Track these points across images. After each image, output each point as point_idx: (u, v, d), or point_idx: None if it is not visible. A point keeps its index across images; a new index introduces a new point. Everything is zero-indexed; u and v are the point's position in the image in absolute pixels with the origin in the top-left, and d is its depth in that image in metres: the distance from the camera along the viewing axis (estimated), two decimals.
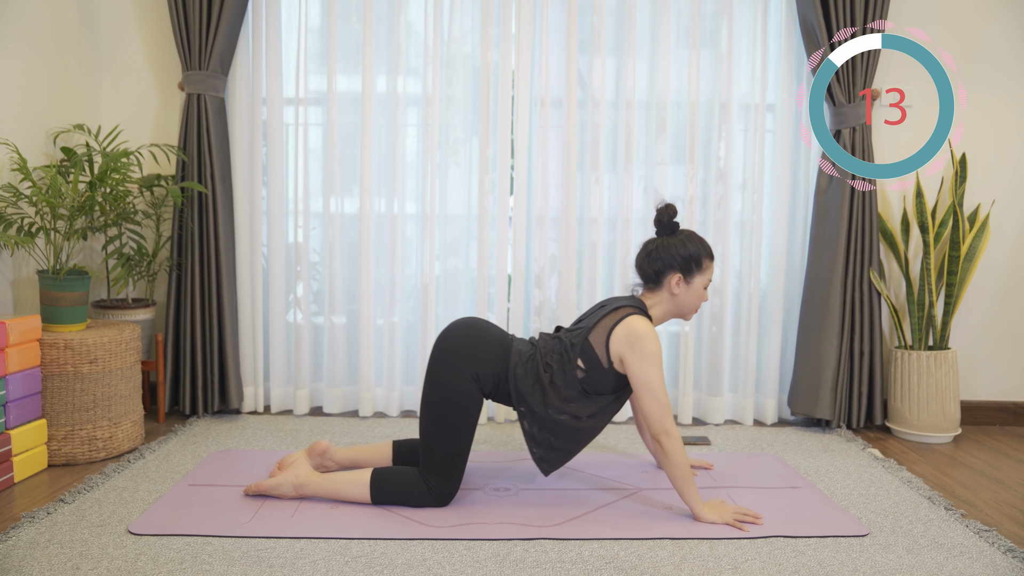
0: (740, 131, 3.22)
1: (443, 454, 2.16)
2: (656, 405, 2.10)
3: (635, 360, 2.11)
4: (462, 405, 2.16)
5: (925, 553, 1.99)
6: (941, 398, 3.01)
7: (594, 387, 2.18)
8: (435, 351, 2.22)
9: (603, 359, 2.16)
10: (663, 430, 2.09)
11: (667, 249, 2.25)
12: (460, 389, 2.16)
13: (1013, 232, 3.30)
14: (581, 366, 2.17)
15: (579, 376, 2.17)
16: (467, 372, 2.16)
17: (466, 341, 2.21)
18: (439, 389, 2.17)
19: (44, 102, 2.94)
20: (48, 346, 2.52)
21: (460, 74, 3.18)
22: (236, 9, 3.02)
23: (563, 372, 2.18)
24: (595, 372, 2.16)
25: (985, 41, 3.24)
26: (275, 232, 3.20)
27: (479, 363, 2.17)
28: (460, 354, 2.18)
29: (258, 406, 3.24)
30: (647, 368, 2.11)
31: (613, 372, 2.17)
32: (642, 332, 2.13)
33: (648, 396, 2.11)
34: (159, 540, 1.97)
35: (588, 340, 2.18)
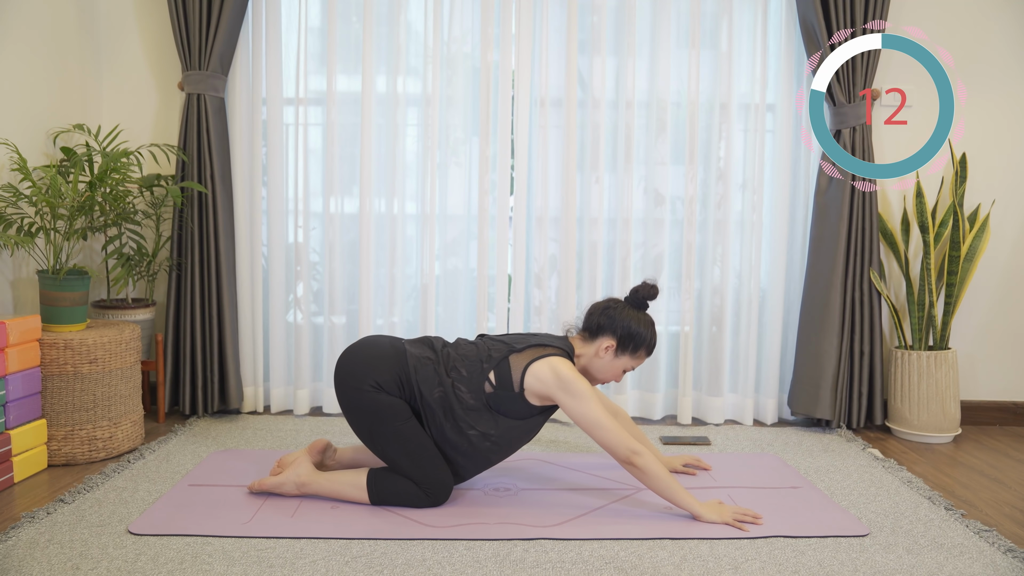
0: (740, 131, 3.22)
1: (408, 463, 2.16)
2: (610, 434, 2.10)
3: (572, 401, 2.11)
4: (386, 416, 2.15)
5: (925, 553, 1.99)
6: (941, 398, 3.01)
7: (499, 406, 2.16)
8: (334, 384, 2.24)
9: (515, 383, 2.15)
10: (629, 453, 2.09)
11: (622, 316, 2.25)
12: (372, 403, 2.15)
13: (1013, 232, 3.30)
14: (492, 381, 2.16)
15: (487, 391, 2.16)
16: (366, 385, 2.16)
17: (353, 359, 2.21)
18: (356, 415, 2.18)
19: (44, 102, 2.94)
20: (48, 346, 2.52)
21: (460, 74, 3.18)
22: (236, 9, 3.02)
23: (470, 380, 2.16)
24: (504, 392, 2.15)
25: (985, 40, 3.24)
26: (275, 232, 3.20)
27: (375, 372, 2.17)
28: (352, 373, 2.18)
29: (258, 406, 3.24)
30: (585, 406, 2.11)
31: (523, 400, 2.16)
32: (568, 375, 2.12)
33: (599, 431, 2.11)
34: (159, 540, 1.97)
35: (508, 359, 2.17)
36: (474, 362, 2.18)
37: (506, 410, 2.16)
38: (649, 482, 2.11)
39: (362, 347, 2.25)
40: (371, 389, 2.16)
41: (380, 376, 2.17)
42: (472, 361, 2.19)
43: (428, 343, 2.28)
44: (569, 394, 2.11)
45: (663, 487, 2.11)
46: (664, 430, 3.10)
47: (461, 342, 2.29)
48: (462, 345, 2.26)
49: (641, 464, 2.09)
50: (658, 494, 2.14)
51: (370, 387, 2.16)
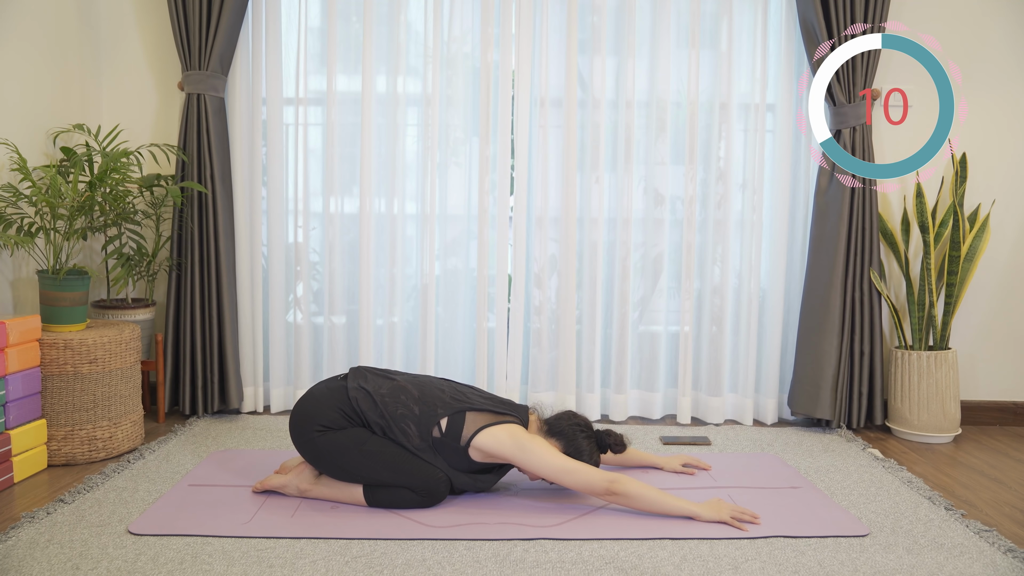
0: (740, 131, 3.22)
1: (390, 475, 2.17)
2: (582, 477, 2.11)
3: (532, 458, 2.13)
4: (344, 448, 2.16)
5: (925, 553, 1.99)
6: (941, 398, 3.01)
7: (442, 451, 2.19)
8: (293, 444, 2.27)
9: (463, 437, 2.17)
10: (606, 485, 2.10)
11: (584, 443, 2.24)
12: (327, 444, 2.17)
13: (1013, 232, 3.30)
14: (441, 427, 2.18)
15: (434, 435, 2.17)
16: (313, 431, 2.18)
17: (296, 415, 2.24)
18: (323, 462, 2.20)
19: (44, 102, 2.94)
20: (48, 346, 2.52)
21: (460, 74, 3.18)
22: (236, 9, 3.01)
23: (420, 420, 2.17)
24: (451, 441, 2.17)
25: (986, 40, 3.24)
26: (275, 232, 3.20)
27: (317, 418, 2.19)
28: (298, 428, 2.21)
29: (258, 406, 3.23)
30: (546, 458, 2.13)
31: (465, 454, 2.18)
32: (524, 437, 2.16)
33: (569, 476, 2.12)
34: (159, 540, 1.97)
35: (465, 414, 2.20)
36: (430, 404, 2.20)
37: (447, 457, 2.20)
38: (637, 504, 2.13)
39: (302, 401, 2.28)
40: (319, 432, 2.18)
41: (323, 418, 2.20)
42: (428, 403, 2.21)
43: (384, 375, 2.30)
44: (526, 452, 2.14)
45: (653, 504, 2.13)
46: (664, 430, 3.10)
47: (426, 380, 2.31)
48: (425, 384, 2.28)
49: (622, 490, 2.10)
50: (651, 512, 2.15)
51: (317, 431, 2.19)
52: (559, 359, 3.20)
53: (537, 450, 2.14)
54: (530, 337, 3.24)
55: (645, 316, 3.27)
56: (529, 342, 3.25)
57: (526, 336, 3.25)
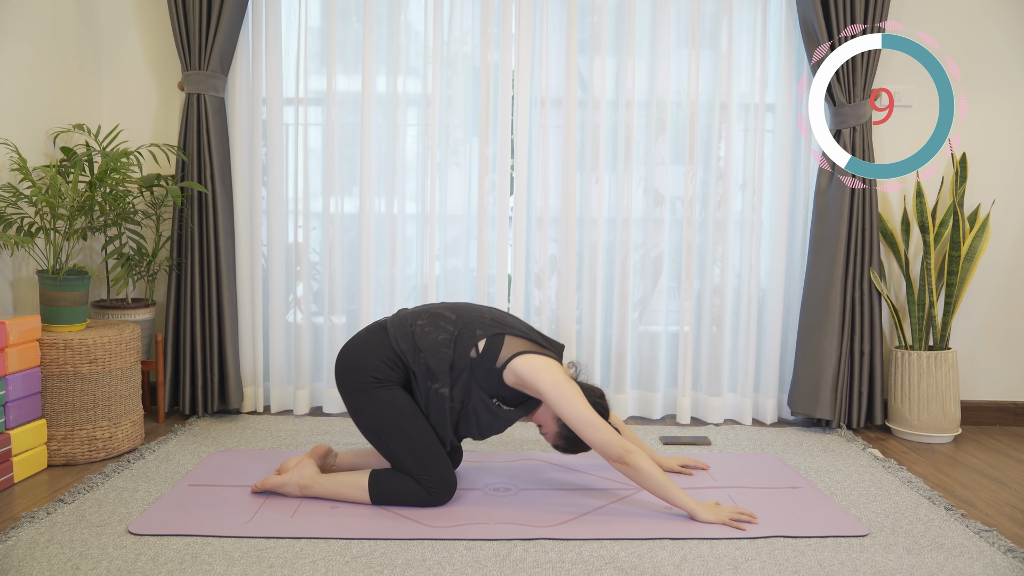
0: (740, 131, 3.22)
1: (411, 459, 2.17)
2: (602, 433, 2.09)
3: (562, 399, 2.10)
4: (388, 414, 2.16)
5: (925, 553, 1.99)
6: (941, 398, 3.01)
7: (475, 372, 2.17)
8: (337, 388, 2.27)
9: (500, 360, 2.16)
10: (623, 451, 2.09)
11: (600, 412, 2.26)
12: (372, 402, 2.17)
13: (1013, 232, 3.30)
14: (479, 349, 2.17)
15: (471, 355, 2.16)
16: (363, 382, 2.18)
17: (344, 362, 2.23)
18: (360, 416, 2.20)
19: (44, 102, 2.94)
20: (48, 346, 2.52)
21: (460, 74, 3.18)
22: (236, 9, 3.01)
23: (458, 339, 2.17)
24: (487, 362, 2.16)
25: (986, 40, 3.24)
26: (275, 232, 3.20)
27: (364, 365, 2.19)
28: (347, 376, 2.20)
29: (258, 406, 3.24)
30: (576, 405, 2.10)
31: (499, 377, 2.17)
32: (561, 374, 2.14)
33: (590, 428, 2.10)
34: (159, 540, 1.97)
35: (504, 337, 2.18)
36: (469, 326, 2.19)
37: (479, 379, 2.17)
38: (643, 480, 2.11)
39: (346, 350, 2.27)
40: (370, 385, 2.17)
41: (367, 367, 2.18)
42: (467, 324, 2.20)
43: (424, 307, 2.30)
44: (560, 390, 2.11)
45: (658, 486, 2.11)
46: (663, 430, 3.10)
47: (467, 305, 2.30)
48: (466, 308, 2.27)
49: (634, 463, 2.08)
50: (653, 493, 2.13)
51: (369, 383, 2.17)
52: None
53: (571, 392, 2.11)
54: None
55: (645, 316, 3.27)
56: None
57: None
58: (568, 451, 2.30)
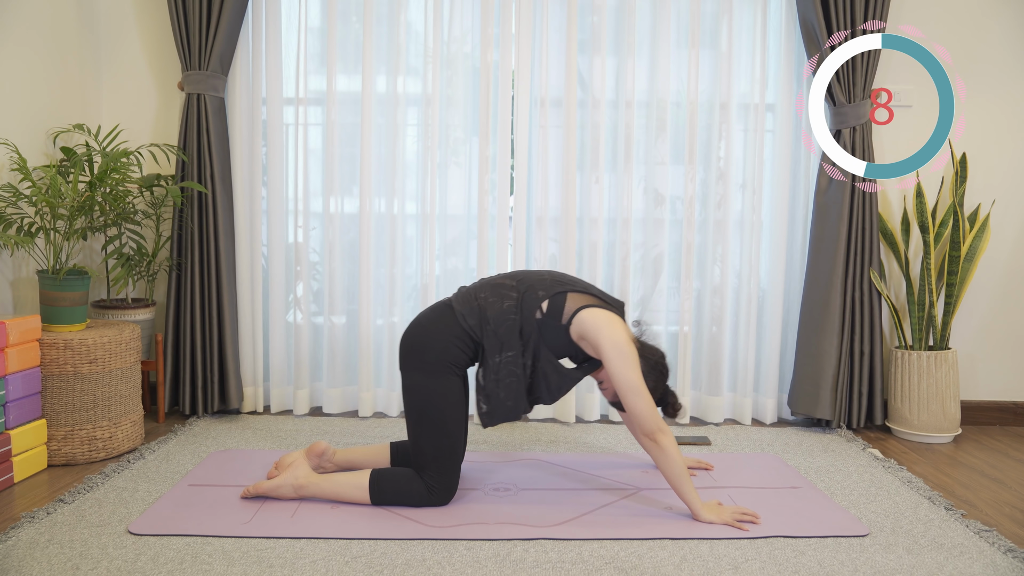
0: (740, 131, 3.22)
1: (433, 452, 2.17)
2: (644, 402, 2.10)
3: (619, 359, 2.10)
4: (440, 402, 2.16)
5: (925, 553, 1.99)
6: (941, 398, 3.01)
7: (543, 332, 2.18)
8: (400, 359, 2.26)
9: (565, 317, 2.17)
10: (657, 427, 2.09)
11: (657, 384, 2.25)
12: (433, 386, 2.17)
13: (1013, 232, 3.30)
14: (543, 309, 2.18)
15: (536, 317, 2.17)
16: (432, 363, 2.17)
17: (416, 338, 2.22)
18: (412, 394, 2.19)
19: (44, 102, 2.94)
20: (48, 346, 2.52)
21: (460, 74, 3.18)
22: (236, 9, 3.01)
23: (522, 302, 2.18)
24: (553, 320, 2.17)
25: (985, 40, 3.24)
26: (275, 232, 3.20)
27: (439, 346, 2.18)
28: (419, 351, 2.20)
29: (258, 406, 3.23)
30: (630, 368, 2.10)
31: (566, 334, 2.18)
32: (622, 334, 2.14)
33: (635, 395, 2.10)
34: (159, 540, 1.97)
35: (566, 295, 2.19)
36: (532, 288, 2.21)
37: (548, 340, 2.18)
38: (665, 463, 2.10)
39: (412, 331, 2.25)
40: (435, 368, 2.17)
41: (435, 347, 2.19)
42: (530, 287, 2.21)
43: (484, 280, 2.31)
44: (618, 349, 2.11)
45: (676, 473, 2.11)
46: None
47: (528, 271, 2.31)
48: (526, 273, 2.28)
49: (664, 443, 2.09)
50: (668, 479, 2.13)
51: (435, 366, 2.18)
52: None
53: (627, 354, 2.11)
54: None
55: (645, 316, 3.27)
56: None
57: None
58: (625, 410, 2.29)
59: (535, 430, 3.03)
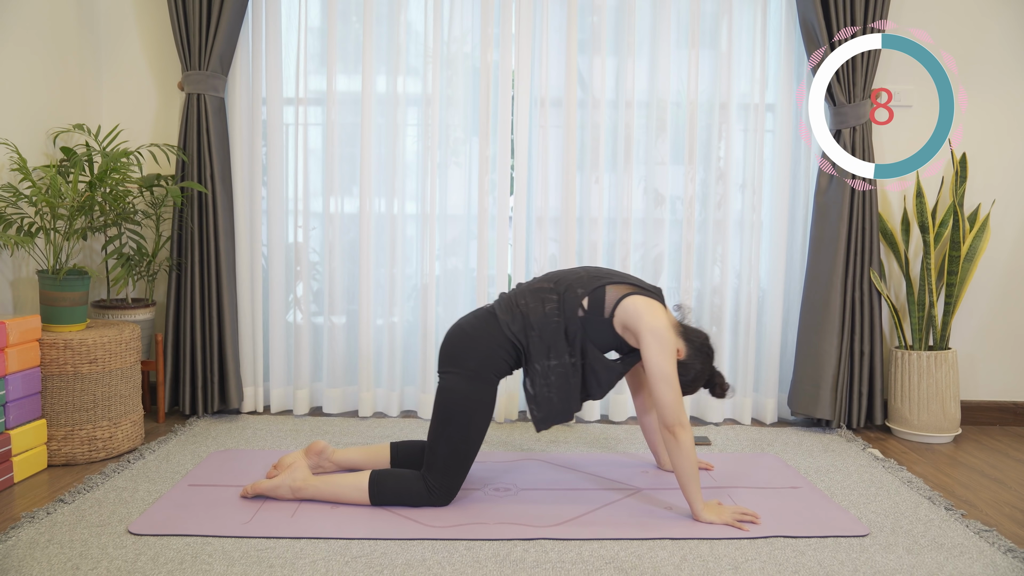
0: (740, 131, 3.22)
1: (447, 454, 2.17)
2: (672, 393, 2.10)
3: (656, 347, 2.11)
4: (471, 408, 2.17)
5: (925, 553, 1.99)
6: (941, 398, 3.01)
7: (588, 329, 2.19)
8: (440, 355, 2.26)
9: (607, 310, 2.18)
10: (678, 420, 2.10)
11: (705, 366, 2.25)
12: (469, 392, 2.17)
13: (1013, 232, 3.30)
14: (584, 307, 2.19)
15: (579, 315, 2.19)
16: (474, 369, 2.18)
17: (460, 342, 2.22)
18: (445, 395, 2.19)
19: (44, 102, 2.94)
20: (48, 346, 2.52)
21: (460, 74, 3.18)
22: (236, 9, 3.01)
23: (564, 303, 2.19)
24: (596, 316, 2.18)
25: (985, 41, 3.24)
26: (275, 232, 3.20)
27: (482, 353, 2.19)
28: (461, 356, 2.20)
29: (258, 406, 3.23)
30: (666, 358, 2.11)
31: (610, 327, 2.19)
32: (663, 321, 2.15)
33: (665, 384, 2.10)
34: (159, 540, 1.97)
35: (605, 288, 2.20)
36: (570, 288, 2.21)
37: (593, 336, 2.19)
38: (679, 458, 2.10)
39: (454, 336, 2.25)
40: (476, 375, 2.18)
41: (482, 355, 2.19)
42: (568, 287, 2.22)
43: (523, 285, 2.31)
44: (656, 335, 2.12)
45: (687, 470, 2.11)
46: None
47: (566, 270, 2.32)
48: (564, 273, 2.29)
49: (683, 437, 2.10)
50: (677, 474, 2.13)
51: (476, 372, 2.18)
52: None
53: (665, 341, 2.11)
54: None
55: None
56: None
57: None
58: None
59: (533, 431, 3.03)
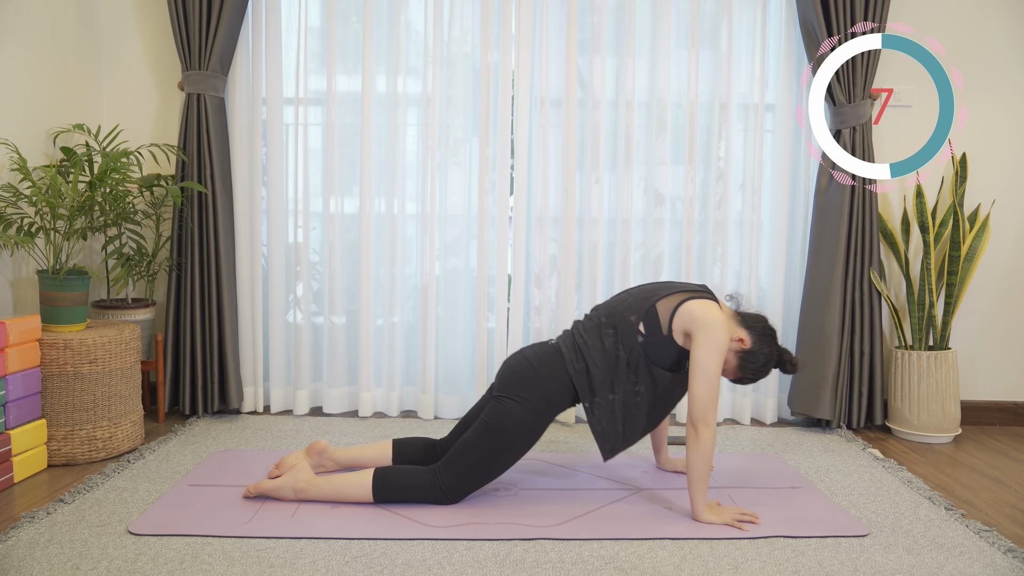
0: (740, 131, 3.22)
1: (473, 462, 2.18)
2: (708, 390, 2.10)
3: (703, 343, 2.12)
4: (517, 433, 2.18)
5: (925, 553, 1.99)
6: (941, 398, 3.01)
7: (650, 352, 2.19)
8: (501, 379, 2.26)
9: (663, 326, 2.18)
10: (704, 418, 2.10)
11: (769, 343, 2.24)
12: (523, 420, 2.17)
13: (1013, 232, 3.30)
14: (642, 331, 2.20)
15: (639, 341, 2.19)
16: (534, 402, 2.18)
17: (523, 374, 2.22)
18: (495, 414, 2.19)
19: (44, 102, 2.94)
20: (48, 346, 2.52)
21: (460, 74, 3.18)
22: (236, 9, 3.02)
23: (622, 335, 2.19)
24: (655, 337, 2.19)
25: (984, 41, 3.24)
26: (275, 232, 3.20)
27: (546, 388, 2.20)
28: (523, 386, 2.20)
29: (258, 406, 3.24)
30: (712, 356, 2.11)
31: (672, 342, 2.19)
32: (718, 321, 2.14)
33: (702, 380, 2.11)
34: (159, 540, 1.97)
35: (655, 306, 2.20)
36: (623, 317, 2.22)
37: (657, 356, 2.20)
38: (695, 455, 2.10)
39: (525, 364, 2.25)
40: (534, 406, 2.19)
41: (546, 390, 2.20)
42: (621, 317, 2.22)
43: (583, 321, 2.31)
44: (707, 331, 2.12)
45: (698, 469, 2.11)
46: None
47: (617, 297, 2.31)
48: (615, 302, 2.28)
49: (704, 435, 2.10)
50: (689, 470, 2.13)
51: (535, 404, 2.19)
52: None
53: (715, 340, 2.11)
54: (530, 337, 3.24)
55: None
56: (529, 342, 3.25)
57: (526, 336, 3.25)
58: (752, 380, 2.29)
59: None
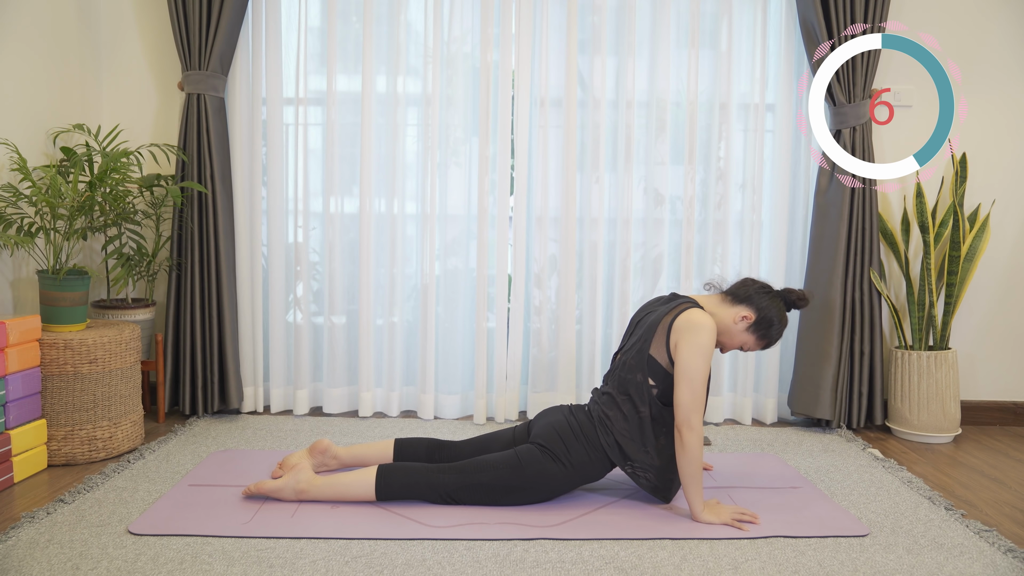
0: (740, 131, 3.23)
1: (487, 483, 2.18)
2: (690, 395, 2.10)
3: (686, 348, 2.11)
4: (542, 481, 2.19)
5: (925, 553, 1.99)
6: (941, 398, 3.01)
7: (665, 397, 2.20)
8: (541, 429, 2.27)
9: (666, 365, 2.18)
10: (688, 422, 2.09)
11: (772, 302, 2.26)
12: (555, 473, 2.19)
13: (1013, 232, 3.30)
14: (652, 383, 2.19)
15: (654, 394, 2.18)
16: (565, 463, 2.20)
17: (559, 431, 2.23)
18: (536, 462, 2.19)
19: (44, 102, 2.94)
20: (48, 346, 2.52)
21: (460, 74, 3.18)
22: (236, 9, 3.02)
23: (637, 398, 2.19)
24: (662, 381, 2.18)
25: (985, 41, 3.24)
26: (275, 232, 3.20)
27: (580, 457, 2.21)
28: (558, 443, 2.21)
29: (258, 406, 3.24)
30: (695, 359, 2.11)
31: None
32: (701, 323, 2.13)
33: (685, 385, 2.10)
34: (159, 540, 1.97)
35: (650, 355, 2.19)
36: (629, 381, 2.21)
37: (671, 398, 2.19)
38: (683, 458, 2.10)
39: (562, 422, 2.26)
40: (564, 464, 2.20)
41: (579, 458, 2.21)
42: (629, 383, 2.21)
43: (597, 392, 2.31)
44: (689, 341, 2.11)
45: (690, 472, 2.11)
46: None
47: (617, 364, 2.30)
48: (619, 368, 2.27)
49: (687, 438, 2.09)
50: (680, 476, 2.13)
51: (565, 464, 2.20)
52: (559, 359, 3.20)
53: (697, 342, 2.10)
54: (530, 337, 3.24)
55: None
56: (529, 342, 3.25)
57: (526, 336, 3.25)
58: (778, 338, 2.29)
59: None
